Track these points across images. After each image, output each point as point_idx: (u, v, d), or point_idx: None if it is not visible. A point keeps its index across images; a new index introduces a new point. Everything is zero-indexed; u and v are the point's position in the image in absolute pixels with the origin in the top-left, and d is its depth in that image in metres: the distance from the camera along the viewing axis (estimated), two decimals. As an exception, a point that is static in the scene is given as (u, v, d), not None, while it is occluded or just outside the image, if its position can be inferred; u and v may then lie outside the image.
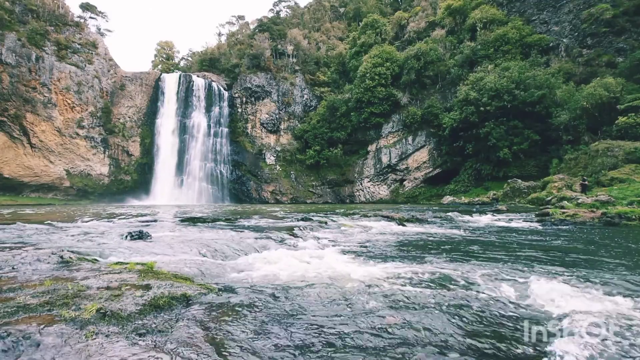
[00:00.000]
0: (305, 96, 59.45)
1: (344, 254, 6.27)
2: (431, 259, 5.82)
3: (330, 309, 3.06)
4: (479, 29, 47.06)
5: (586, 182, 21.89)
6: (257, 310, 2.96)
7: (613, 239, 8.44)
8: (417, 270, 4.79)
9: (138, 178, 53.14)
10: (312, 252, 6.37)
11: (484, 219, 14.29)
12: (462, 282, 4.12)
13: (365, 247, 7.26)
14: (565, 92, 33.29)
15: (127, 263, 4.24)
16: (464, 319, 2.85)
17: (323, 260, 5.55)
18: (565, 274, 4.62)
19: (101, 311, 2.44)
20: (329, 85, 60.05)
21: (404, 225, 11.92)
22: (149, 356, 1.98)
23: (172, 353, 2.04)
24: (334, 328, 2.61)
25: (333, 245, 7.35)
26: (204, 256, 5.63)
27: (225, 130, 56.23)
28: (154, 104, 55.29)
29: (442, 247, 7.32)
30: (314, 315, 2.87)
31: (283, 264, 5.14)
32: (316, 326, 2.64)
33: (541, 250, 6.81)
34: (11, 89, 42.82)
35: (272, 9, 79.50)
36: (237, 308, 2.96)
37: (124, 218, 13.62)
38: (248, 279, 4.28)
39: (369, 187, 51.31)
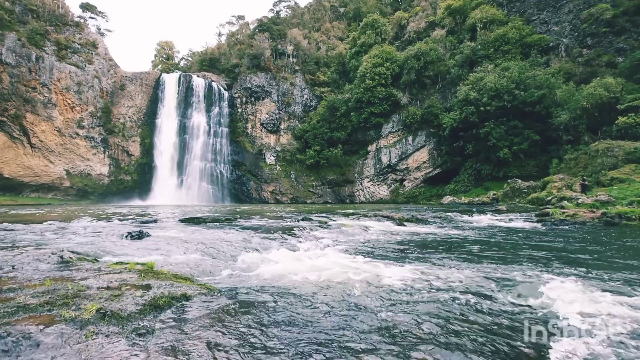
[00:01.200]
0: (305, 96, 59.44)
1: (345, 254, 6.27)
2: (431, 259, 5.82)
3: (331, 311, 3.05)
4: (479, 29, 47.03)
5: (586, 182, 21.88)
6: (257, 312, 2.96)
7: (613, 238, 8.44)
8: (417, 270, 4.79)
9: (138, 178, 53.13)
10: (312, 252, 6.37)
11: (484, 219, 14.29)
12: (463, 282, 4.12)
13: (366, 247, 7.26)
14: (565, 92, 33.27)
15: (127, 263, 4.23)
16: (465, 318, 2.85)
17: (323, 260, 5.55)
18: (566, 273, 4.62)
19: (101, 311, 2.44)
20: (329, 85, 60.03)
21: (404, 225, 11.91)
22: (148, 356, 1.98)
23: (172, 353, 2.04)
24: (335, 331, 2.61)
25: (333, 246, 7.35)
26: (204, 256, 5.63)
27: (225, 130, 56.22)
28: (154, 104, 55.28)
29: (442, 247, 7.32)
30: (313, 317, 2.87)
31: (283, 265, 5.14)
32: (315, 328, 2.64)
33: (541, 250, 6.81)
34: (11, 89, 42.81)
35: (272, 9, 79.58)
36: (237, 309, 2.96)
37: (123, 218, 13.62)
38: (248, 279, 4.28)
39: (369, 187, 51.29)
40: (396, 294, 3.56)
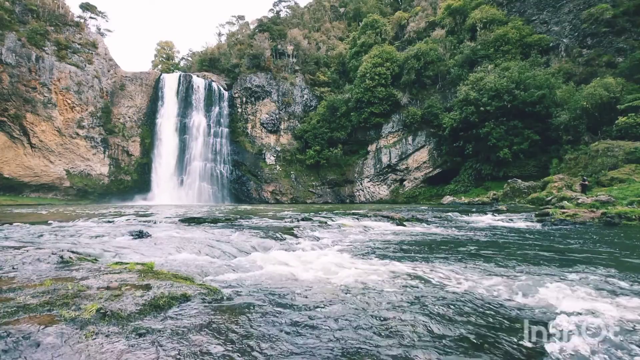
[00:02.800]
0: (305, 96, 59.41)
1: (345, 254, 6.27)
2: (432, 259, 5.82)
3: (330, 314, 3.05)
4: (479, 29, 47.01)
5: (586, 182, 21.87)
6: (256, 313, 2.96)
7: (613, 238, 8.43)
8: (417, 270, 4.80)
9: (138, 178, 53.12)
10: (312, 252, 6.37)
11: (484, 219, 14.28)
12: (463, 282, 4.12)
13: (366, 247, 7.26)
14: (565, 92, 33.26)
15: (127, 263, 4.23)
16: (466, 318, 2.85)
17: (323, 260, 5.55)
18: (566, 273, 4.62)
19: (101, 311, 2.44)
20: (329, 85, 60.00)
21: (404, 225, 11.91)
22: (148, 356, 1.98)
23: (171, 353, 2.04)
24: (334, 335, 2.61)
25: (333, 245, 7.35)
26: (204, 256, 5.63)
27: (225, 130, 56.19)
28: (154, 104, 55.25)
29: (442, 247, 7.32)
30: (312, 319, 2.87)
31: (283, 265, 5.14)
32: (314, 330, 2.64)
33: (541, 250, 6.81)
34: (11, 89, 42.79)
35: (272, 9, 79.38)
36: (236, 310, 2.97)
37: (123, 218, 13.62)
38: (248, 279, 4.28)
39: (369, 187, 51.29)
40: (396, 294, 3.56)
